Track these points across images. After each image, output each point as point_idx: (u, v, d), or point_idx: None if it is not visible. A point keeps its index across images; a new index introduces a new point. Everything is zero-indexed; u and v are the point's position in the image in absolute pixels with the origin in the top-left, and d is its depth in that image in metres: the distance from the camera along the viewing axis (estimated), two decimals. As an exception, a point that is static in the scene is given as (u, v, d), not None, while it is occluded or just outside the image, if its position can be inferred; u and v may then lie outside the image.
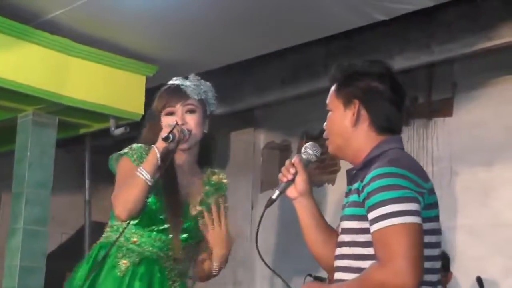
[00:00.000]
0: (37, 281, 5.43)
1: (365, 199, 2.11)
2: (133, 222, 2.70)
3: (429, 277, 2.11)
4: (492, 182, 5.48)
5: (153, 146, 2.67)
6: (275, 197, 2.34)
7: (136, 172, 2.63)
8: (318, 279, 4.44)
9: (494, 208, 5.42)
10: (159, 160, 2.63)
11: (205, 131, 2.83)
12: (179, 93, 2.78)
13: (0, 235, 7.56)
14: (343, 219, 2.24)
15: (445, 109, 5.80)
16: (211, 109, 2.87)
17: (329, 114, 2.33)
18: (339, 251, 2.23)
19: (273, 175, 6.26)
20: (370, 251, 2.11)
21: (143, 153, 2.73)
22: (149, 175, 2.62)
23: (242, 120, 6.97)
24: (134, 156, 2.73)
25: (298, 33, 5.12)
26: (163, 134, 2.64)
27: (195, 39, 5.20)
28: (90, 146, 6.41)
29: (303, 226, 2.36)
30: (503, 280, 5.22)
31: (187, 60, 5.42)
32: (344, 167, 5.60)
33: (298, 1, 4.59)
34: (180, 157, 2.77)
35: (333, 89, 2.33)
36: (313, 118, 5.74)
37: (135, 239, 2.72)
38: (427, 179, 2.16)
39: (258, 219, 2.27)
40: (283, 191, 2.36)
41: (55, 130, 5.58)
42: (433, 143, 5.82)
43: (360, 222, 2.14)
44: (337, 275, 2.21)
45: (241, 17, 4.90)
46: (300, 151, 2.42)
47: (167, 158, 2.66)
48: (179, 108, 2.76)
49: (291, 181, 2.35)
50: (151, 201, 2.68)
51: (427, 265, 2.08)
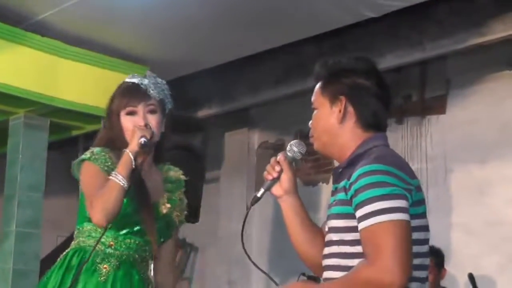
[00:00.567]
0: (30, 284, 5.40)
1: (352, 197, 2.08)
2: (108, 226, 2.68)
3: (418, 274, 2.10)
4: (486, 179, 5.47)
5: (125, 150, 2.66)
6: (260, 195, 2.32)
7: (111, 177, 2.62)
8: (311, 279, 4.40)
9: (489, 205, 5.40)
10: (133, 163, 2.62)
11: (162, 130, 2.81)
12: (140, 93, 2.73)
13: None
14: (330, 217, 2.21)
15: (438, 106, 5.79)
16: (168, 107, 2.85)
17: (315, 112, 2.29)
18: (328, 250, 2.21)
19: (268, 175, 6.23)
20: (358, 249, 2.09)
21: (106, 156, 2.72)
22: (125, 180, 2.61)
23: (236, 120, 6.96)
24: (98, 161, 2.70)
25: (289, 31, 5.11)
26: (138, 138, 2.63)
27: (186, 39, 5.19)
28: (83, 147, 6.38)
29: (288, 224, 2.34)
30: (498, 277, 5.21)
31: (178, 60, 5.41)
32: (338, 166, 5.58)
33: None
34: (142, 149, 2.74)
35: (318, 86, 2.30)
36: (306, 117, 5.64)
37: (111, 243, 2.71)
38: (413, 176, 2.14)
39: (253, 220, 2.26)
40: (268, 189, 2.33)
41: (46, 132, 5.57)
42: (427, 141, 5.80)
43: (347, 220, 2.12)
44: (326, 274, 2.19)
45: (232, 16, 4.89)
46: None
47: (140, 161, 2.66)
48: (141, 108, 2.73)
49: (276, 179, 2.33)
50: (124, 204, 2.66)
51: (416, 261, 2.07)
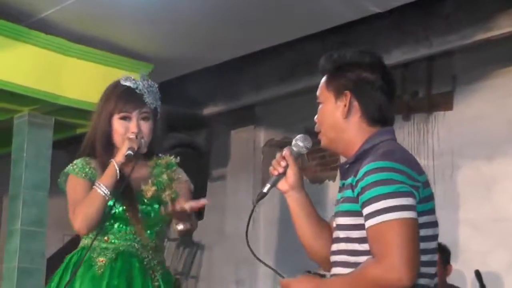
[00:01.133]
0: (36, 283, 5.39)
1: (359, 194, 2.06)
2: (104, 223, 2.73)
3: (426, 270, 2.08)
4: (494, 175, 5.43)
5: (111, 160, 2.71)
6: (266, 190, 2.28)
7: (94, 187, 2.68)
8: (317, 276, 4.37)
9: (496, 202, 5.36)
10: (118, 175, 2.68)
11: (151, 137, 2.85)
12: (135, 99, 2.78)
13: (2, 238, 7.56)
14: (338, 215, 2.18)
15: (445, 102, 5.75)
16: (159, 112, 2.89)
17: (320, 106, 2.27)
18: (336, 246, 2.19)
19: (274, 172, 6.21)
20: (365, 247, 2.07)
21: (84, 164, 2.79)
22: (107, 190, 2.67)
23: (241, 117, 6.94)
24: (75, 170, 2.78)
25: (293, 28, 5.08)
26: (126, 150, 2.68)
27: (190, 36, 5.17)
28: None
29: (294, 219, 2.32)
30: (506, 274, 5.17)
31: (183, 57, 5.40)
32: (344, 163, 5.55)
33: (292, -5, 4.57)
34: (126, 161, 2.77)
35: (324, 80, 2.27)
36: (312, 114, 5.63)
37: (106, 238, 2.74)
38: (421, 172, 2.11)
39: (260, 218, 2.25)
40: (274, 185, 2.30)
41: (51, 130, 5.56)
42: (434, 137, 5.77)
43: (354, 218, 2.10)
44: (335, 270, 2.18)
45: (236, 13, 4.87)
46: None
47: (128, 170, 2.71)
48: (135, 115, 2.77)
49: (282, 175, 2.29)
50: (110, 205, 2.73)
51: (425, 258, 2.05)
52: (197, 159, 4.45)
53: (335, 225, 2.21)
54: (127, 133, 2.73)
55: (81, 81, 5.29)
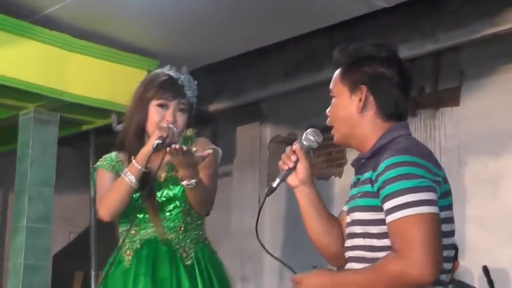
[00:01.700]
0: (42, 279, 5.40)
1: (379, 189, 2.04)
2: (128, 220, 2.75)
3: (445, 265, 2.07)
4: (501, 172, 5.40)
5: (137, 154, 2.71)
6: (275, 185, 2.25)
7: (122, 174, 2.69)
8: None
9: (504, 198, 5.33)
10: (144, 167, 2.67)
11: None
12: (176, 89, 2.78)
13: (8, 235, 7.56)
14: (355, 210, 2.15)
15: (452, 98, 5.71)
16: (194, 109, 2.90)
17: (334, 100, 2.23)
18: (351, 242, 2.16)
19: (280, 169, 6.20)
20: (385, 242, 2.05)
21: (113, 157, 2.81)
22: (134, 178, 2.65)
23: (248, 114, 6.92)
24: (104, 163, 2.81)
25: (300, 23, 5.06)
26: (155, 139, 2.66)
27: (195, 32, 5.15)
28: (94, 143, 6.36)
29: (304, 214, 2.28)
30: (513, 270, 5.14)
31: (188, 53, 5.37)
32: (351, 160, 5.54)
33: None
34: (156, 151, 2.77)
35: (338, 73, 2.23)
36: (319, 110, 5.59)
37: (133, 232, 2.76)
38: (440, 167, 2.11)
39: (266, 213, 2.24)
40: (283, 179, 2.26)
41: (56, 127, 5.56)
42: (441, 133, 5.73)
43: (374, 213, 2.08)
44: (350, 265, 2.15)
45: (242, 8, 4.85)
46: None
47: (158, 163, 2.69)
48: (173, 104, 2.76)
49: (292, 169, 2.26)
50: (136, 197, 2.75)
51: (444, 253, 2.03)
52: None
53: (350, 220, 2.18)
54: (162, 121, 2.72)
55: (86, 77, 5.28)
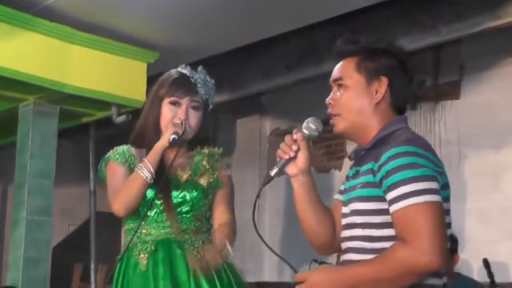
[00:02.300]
0: (41, 271, 5.40)
1: (383, 179, 2.04)
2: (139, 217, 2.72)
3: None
4: (502, 165, 5.40)
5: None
6: (273, 174, 2.22)
7: (136, 169, 2.66)
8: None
9: (504, 191, 5.34)
10: (158, 162, 2.67)
11: (199, 127, 2.84)
12: (189, 86, 2.77)
13: (7, 227, 7.56)
14: (353, 200, 2.15)
15: (452, 91, 5.71)
16: (210, 107, 2.87)
17: (344, 88, 2.19)
18: (349, 232, 2.16)
19: (280, 162, 6.20)
20: (385, 232, 2.06)
21: (125, 151, 2.78)
22: (148, 173, 2.64)
23: (248, 106, 6.91)
24: (116, 156, 2.77)
25: (301, 15, 5.04)
26: (170, 134, 2.67)
27: (196, 24, 5.13)
28: (94, 135, 6.35)
29: (298, 203, 2.27)
30: (513, 263, 5.15)
31: (189, 46, 5.36)
32: (350, 152, 5.53)
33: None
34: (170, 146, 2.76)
35: (352, 63, 2.21)
36: (319, 103, 5.60)
37: (144, 231, 2.73)
38: (439, 159, 2.11)
39: (265, 207, 2.22)
40: (282, 168, 2.24)
41: (56, 119, 5.55)
42: (441, 126, 5.73)
43: (375, 203, 2.08)
44: (348, 256, 2.16)
45: (243, 1, 4.83)
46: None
47: (171, 157, 2.69)
48: (185, 102, 2.76)
49: (293, 158, 2.23)
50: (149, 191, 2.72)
51: None
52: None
53: (348, 211, 2.18)
54: (175, 119, 2.72)
55: (86, 69, 5.27)
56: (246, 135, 7.05)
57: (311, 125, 2.23)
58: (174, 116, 2.72)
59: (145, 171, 2.62)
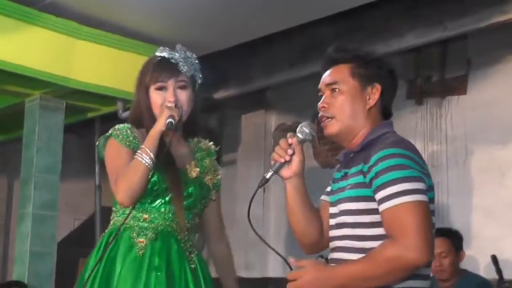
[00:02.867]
0: (47, 266, 5.43)
1: (372, 179, 2.13)
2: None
3: None
4: (508, 161, 5.37)
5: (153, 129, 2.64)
6: (268, 176, 2.31)
7: (136, 156, 2.60)
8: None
9: (510, 187, 5.31)
10: (156, 146, 2.61)
11: (192, 106, 2.78)
12: (170, 68, 2.72)
13: (13, 222, 7.59)
14: (344, 201, 2.23)
15: (459, 87, 5.68)
16: (198, 82, 2.82)
17: (339, 93, 2.29)
18: (339, 232, 2.24)
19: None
20: (374, 231, 2.15)
21: (128, 132, 2.71)
22: (149, 159, 2.58)
23: (253, 102, 6.91)
24: (119, 136, 2.69)
25: (305, 11, 5.04)
26: (166, 118, 2.61)
27: (202, 19, 5.13)
28: (100, 130, 6.36)
29: (290, 204, 2.37)
30: (519, 260, 5.13)
31: (194, 41, 5.32)
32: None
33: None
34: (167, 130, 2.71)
35: (346, 68, 2.31)
36: (324, 98, 5.63)
37: (145, 216, 2.69)
38: (424, 162, 2.22)
39: (270, 203, 2.27)
40: (277, 171, 2.33)
41: (62, 114, 5.58)
42: (447, 122, 5.71)
43: (365, 203, 2.17)
44: (337, 255, 2.24)
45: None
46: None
47: (168, 139, 2.65)
48: (171, 84, 2.71)
49: (288, 162, 2.32)
50: (155, 179, 2.65)
51: None
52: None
53: (336, 211, 2.27)
54: (165, 102, 2.69)
55: (92, 64, 5.28)
56: (251, 131, 7.05)
57: (305, 129, 2.32)
58: (163, 101, 2.69)
59: (146, 157, 2.56)
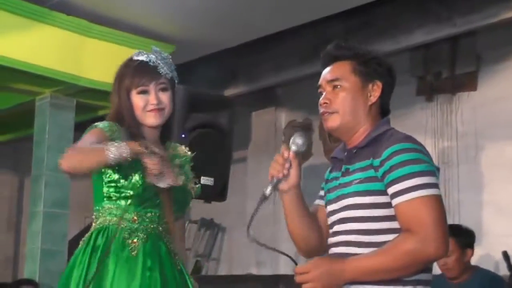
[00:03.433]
0: (58, 264, 5.43)
1: (386, 173, 2.13)
2: (127, 202, 2.67)
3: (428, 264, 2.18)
4: (519, 157, 5.36)
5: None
6: (268, 194, 2.27)
7: (104, 145, 2.52)
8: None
9: (521, 183, 5.30)
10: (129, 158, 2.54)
11: (173, 107, 2.79)
12: (150, 71, 2.72)
13: (24, 220, 7.62)
14: (351, 195, 2.21)
15: (469, 83, 5.67)
16: (176, 82, 2.85)
17: (341, 89, 2.29)
18: (344, 226, 2.23)
19: (295, 154, 6.19)
20: (383, 225, 2.14)
21: (114, 127, 2.69)
22: (114, 158, 2.50)
23: (263, 99, 6.91)
24: (105, 125, 2.67)
25: (315, 8, 5.04)
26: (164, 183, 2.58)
27: (211, 17, 5.14)
28: (110, 128, 6.37)
29: (288, 214, 2.35)
30: (530, 256, 5.11)
31: (204, 39, 5.38)
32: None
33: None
34: (150, 133, 2.76)
35: (348, 65, 2.31)
36: (334, 95, 5.63)
37: (134, 218, 2.69)
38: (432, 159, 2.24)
39: (281, 201, 2.28)
40: (276, 186, 2.29)
41: (73, 112, 5.59)
42: (458, 118, 5.70)
43: (377, 197, 2.16)
44: (341, 249, 2.22)
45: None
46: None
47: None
48: (152, 87, 2.73)
49: (286, 176, 2.30)
50: (137, 180, 2.65)
51: None
52: (219, 139, 4.44)
53: (336, 208, 2.26)
54: (147, 106, 2.73)
55: (102, 62, 5.29)
56: (261, 128, 7.05)
57: (298, 141, 2.29)
58: (146, 104, 2.69)
59: (111, 153, 2.48)
